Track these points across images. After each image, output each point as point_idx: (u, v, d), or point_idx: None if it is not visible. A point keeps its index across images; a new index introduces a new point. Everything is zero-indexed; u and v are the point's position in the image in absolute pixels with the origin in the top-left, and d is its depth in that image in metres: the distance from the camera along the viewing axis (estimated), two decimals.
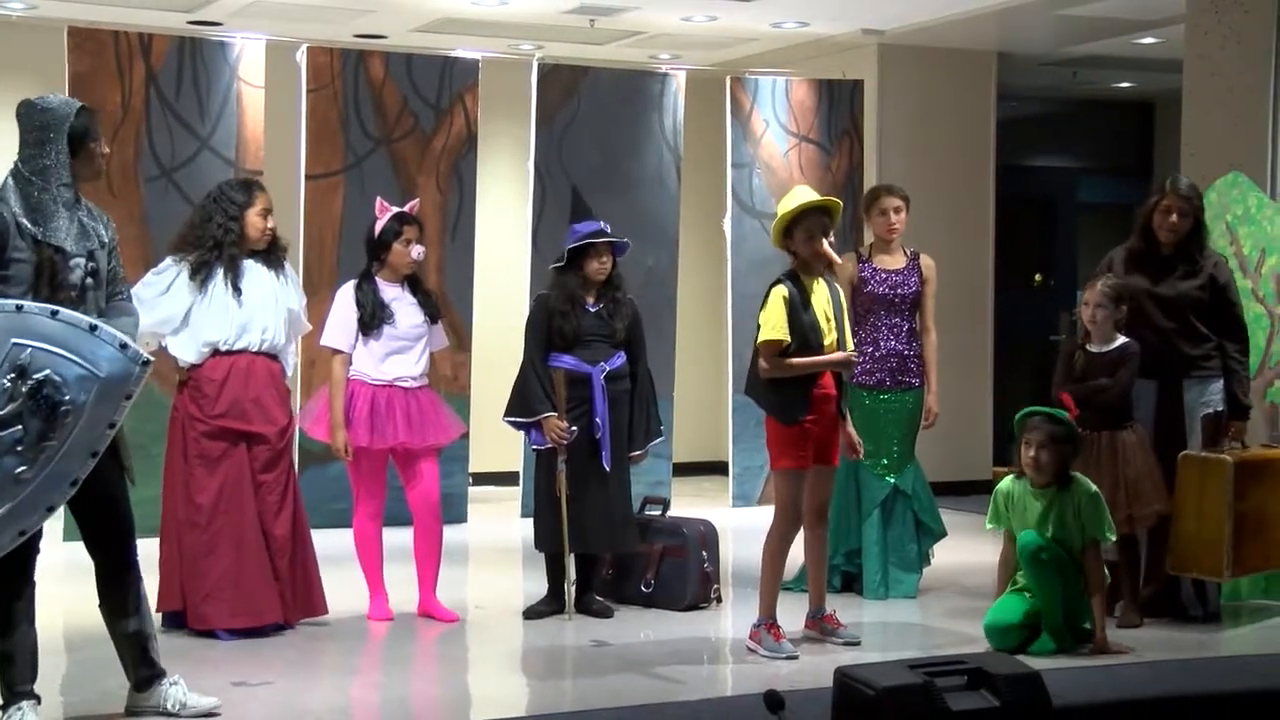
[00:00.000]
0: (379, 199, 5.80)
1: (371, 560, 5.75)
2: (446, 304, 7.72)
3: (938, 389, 6.41)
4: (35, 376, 3.74)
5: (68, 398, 3.76)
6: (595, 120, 8.80)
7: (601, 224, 5.77)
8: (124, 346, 3.82)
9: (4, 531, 3.76)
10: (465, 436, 7.08)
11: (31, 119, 4.03)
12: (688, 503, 8.58)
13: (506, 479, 9.00)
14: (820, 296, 5.24)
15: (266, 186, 5.57)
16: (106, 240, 4.11)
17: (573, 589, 5.87)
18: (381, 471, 5.69)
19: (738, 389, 9.03)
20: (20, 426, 3.73)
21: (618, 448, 5.76)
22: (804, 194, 5.26)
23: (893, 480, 6.32)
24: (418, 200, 5.95)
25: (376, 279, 5.68)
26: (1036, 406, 5.45)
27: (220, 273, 5.26)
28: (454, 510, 7.99)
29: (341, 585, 5.87)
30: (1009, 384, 10.08)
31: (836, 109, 9.40)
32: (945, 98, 9.76)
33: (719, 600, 6.08)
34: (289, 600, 5.35)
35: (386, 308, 5.64)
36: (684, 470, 9.64)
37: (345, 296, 5.68)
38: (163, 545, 5.32)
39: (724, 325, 9.31)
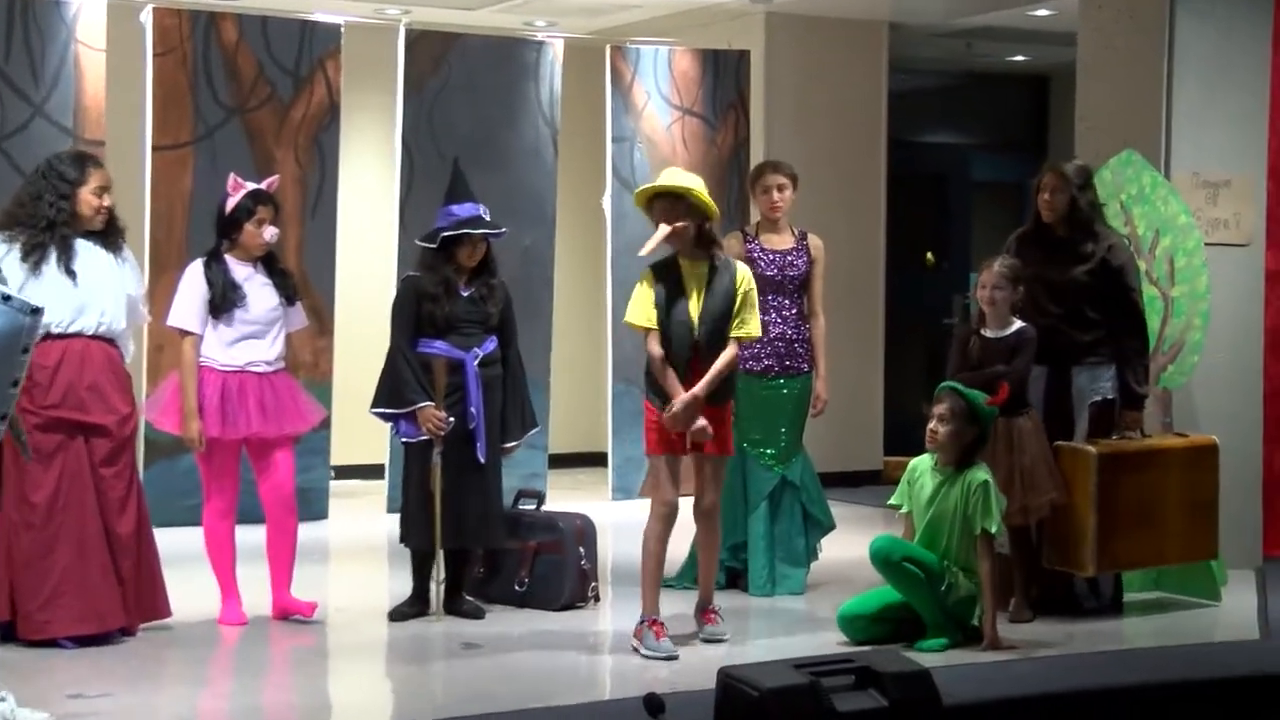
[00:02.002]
0: (233, 175, 5.70)
1: (223, 560, 5.65)
2: (307, 285, 7.61)
3: (827, 375, 6.46)
4: None
5: None
6: (467, 91, 8.71)
7: (480, 209, 5.74)
8: (6, 298, 3.78)
9: None
10: (326, 426, 7.01)
11: None
12: (564, 496, 8.56)
13: (371, 472, 8.89)
14: (698, 283, 5.32)
15: (108, 158, 5.46)
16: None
17: (441, 588, 5.82)
18: (234, 464, 5.61)
19: (618, 376, 9.06)
20: None
21: (492, 438, 5.71)
22: (664, 177, 5.45)
23: (780, 471, 6.35)
24: (276, 178, 5.87)
25: (227, 258, 5.60)
26: (952, 382, 5.53)
27: (54, 254, 5.14)
28: (314, 506, 7.88)
29: (192, 588, 5.77)
30: (901, 370, 10.20)
31: (722, 81, 9.42)
32: (835, 69, 9.83)
33: (597, 599, 6.07)
34: (131, 604, 5.23)
35: (238, 289, 5.56)
36: (560, 462, 9.60)
37: (194, 275, 5.58)
38: None
39: (604, 309, 9.29)
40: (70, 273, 5.17)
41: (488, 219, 5.74)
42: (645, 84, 9.26)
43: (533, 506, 6.22)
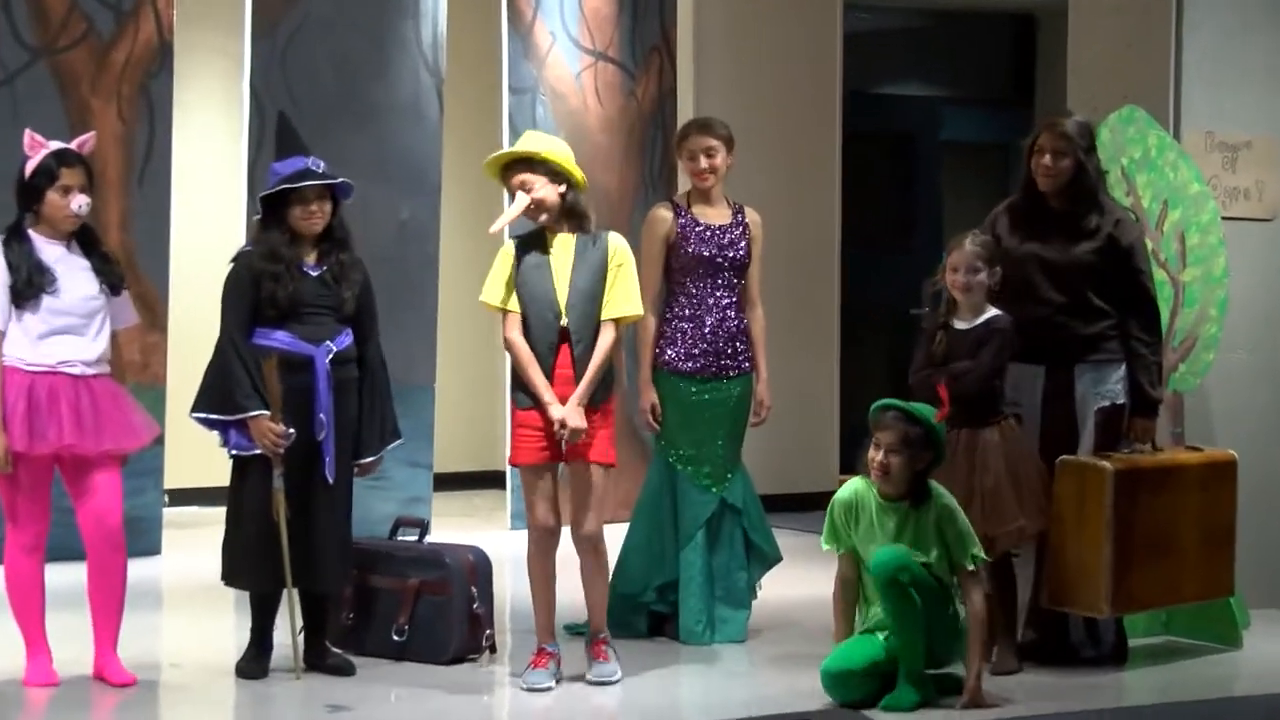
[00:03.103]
0: (29, 132, 5.64)
1: (29, 607, 5.58)
2: (134, 269, 7.53)
3: (768, 376, 6.49)
4: None
5: None
6: (329, 30, 8.66)
7: (310, 161, 5.69)
8: None
9: None
10: (160, 442, 6.93)
11: None
12: (453, 524, 8.54)
13: (213, 496, 8.75)
14: (566, 259, 5.60)
15: None
16: None
17: (300, 638, 5.77)
18: (43, 487, 5.55)
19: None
20: None
21: (343, 453, 5.71)
22: (521, 142, 5.72)
23: (718, 493, 6.38)
24: (91, 135, 5.79)
25: (32, 234, 5.55)
26: (894, 400, 5.53)
27: None
28: (144, 538, 7.81)
29: None
30: (859, 371, 10.27)
31: (642, 20, 9.46)
32: (779, 6, 9.88)
33: (493, 650, 6.06)
34: None
35: (47, 271, 5.51)
36: (448, 483, 9.58)
37: None
38: None
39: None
40: None
41: (320, 170, 5.67)
42: (549, 23, 9.26)
43: (414, 538, 6.19)
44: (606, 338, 5.61)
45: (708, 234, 6.36)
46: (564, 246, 5.66)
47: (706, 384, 6.35)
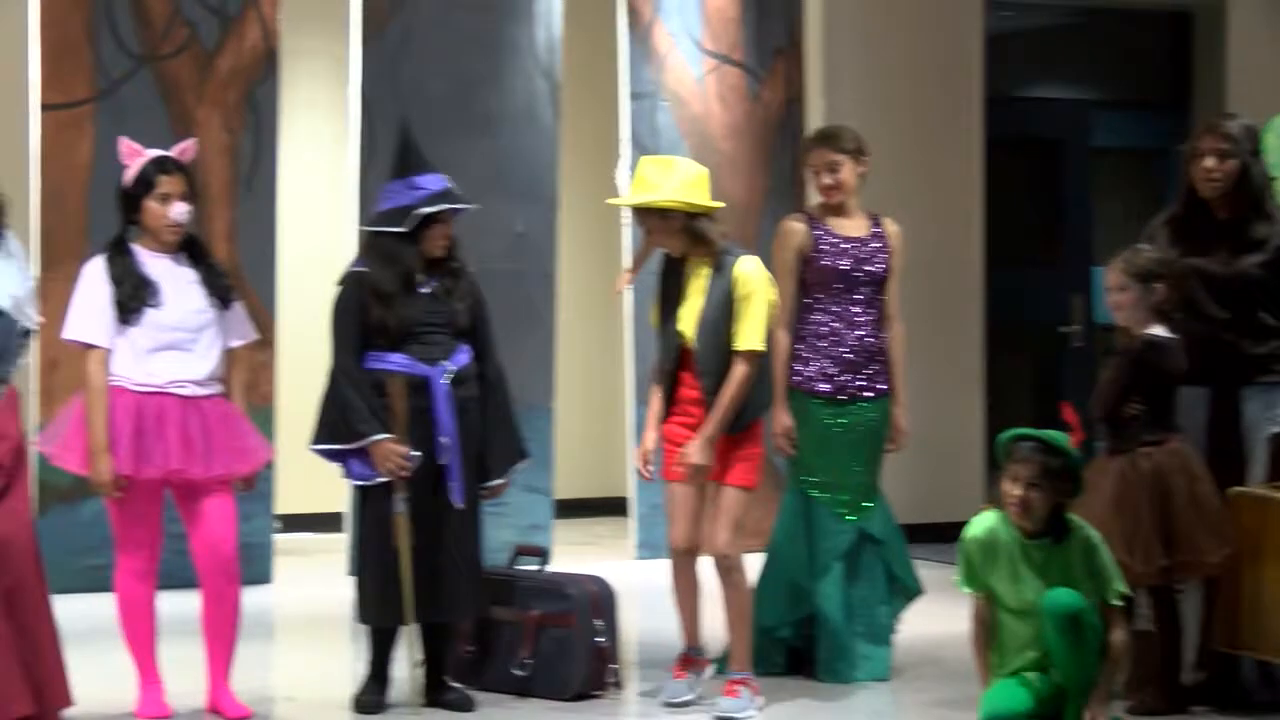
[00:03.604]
0: (124, 141, 5.74)
1: (141, 636, 5.67)
2: (241, 284, 7.59)
3: (906, 399, 6.49)
4: None
5: None
6: (441, 34, 8.76)
7: (446, 180, 5.79)
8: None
9: None
10: (270, 466, 7.03)
11: None
12: (574, 553, 8.57)
13: (327, 523, 8.93)
14: (697, 285, 5.84)
15: None
16: None
17: (420, 672, 5.84)
18: (153, 512, 5.63)
19: (643, 399, 9.07)
20: None
21: (469, 477, 5.77)
22: (640, 175, 5.85)
23: (856, 522, 6.37)
24: (192, 142, 5.86)
25: (134, 247, 5.64)
26: (1027, 429, 5.51)
27: None
28: (255, 566, 7.89)
29: (100, 670, 5.76)
30: (1005, 390, 10.20)
31: (768, 21, 9.47)
32: (915, 7, 9.86)
33: (618, 686, 6.10)
34: (14, 689, 5.20)
35: (150, 284, 5.59)
36: (571, 510, 9.63)
37: (94, 273, 5.62)
38: None
39: (619, 312, 9.33)
40: None
41: (458, 193, 5.81)
42: (670, 25, 9.31)
43: (535, 567, 6.25)
44: (738, 371, 5.75)
45: (843, 247, 6.35)
46: (697, 271, 5.83)
47: (843, 407, 6.34)
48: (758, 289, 5.80)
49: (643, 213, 5.81)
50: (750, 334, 5.77)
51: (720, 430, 5.75)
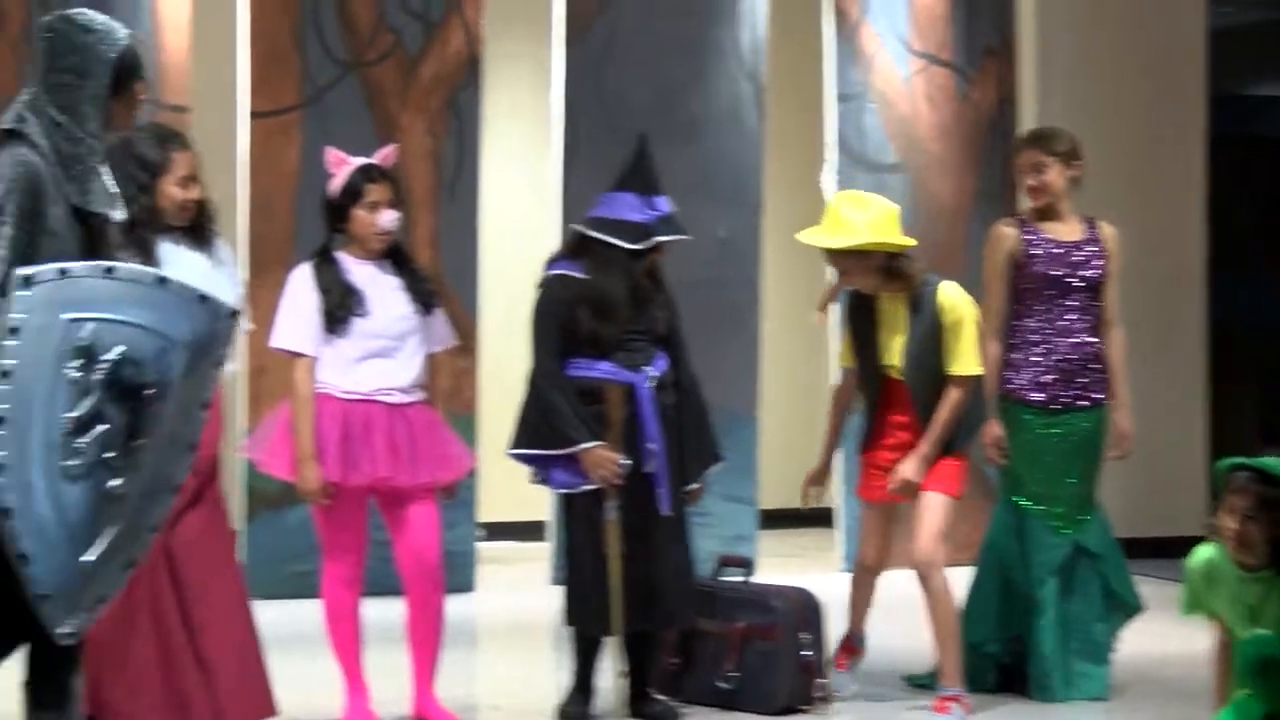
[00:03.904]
0: (331, 150, 5.80)
1: (347, 643, 5.72)
2: (443, 290, 7.65)
3: (1129, 403, 6.37)
4: (108, 358, 3.84)
5: (151, 378, 3.87)
6: (644, 38, 8.80)
7: (671, 207, 5.82)
8: (203, 299, 3.97)
9: (110, 567, 3.86)
10: (473, 473, 7.09)
11: (69, 39, 4.10)
12: (779, 565, 8.54)
13: (529, 531, 8.98)
14: (896, 318, 5.95)
15: (194, 129, 5.55)
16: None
17: (624, 683, 5.83)
18: (359, 520, 5.68)
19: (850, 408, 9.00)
20: (105, 425, 3.84)
21: (675, 483, 5.77)
22: (829, 216, 5.99)
23: (1071, 535, 6.28)
24: (393, 148, 5.92)
25: (341, 256, 5.70)
26: (1243, 458, 5.34)
27: (131, 261, 5.23)
28: (458, 574, 7.95)
29: (306, 676, 5.84)
30: (1229, 400, 10.00)
31: (978, 19, 9.40)
32: (1133, 1, 9.70)
33: (825, 700, 6.05)
34: (222, 698, 5.29)
35: (357, 293, 5.65)
36: (775, 521, 9.60)
37: (302, 281, 5.69)
38: None
39: (827, 319, 9.27)
40: None
41: (678, 220, 5.87)
42: (877, 25, 9.26)
43: (740, 579, 6.22)
44: (953, 394, 5.88)
45: (1057, 251, 6.27)
46: (893, 306, 5.93)
47: (1057, 416, 6.26)
48: (965, 313, 5.90)
49: (837, 253, 5.89)
50: (966, 358, 5.89)
51: (936, 450, 5.88)
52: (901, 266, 5.90)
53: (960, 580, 6.02)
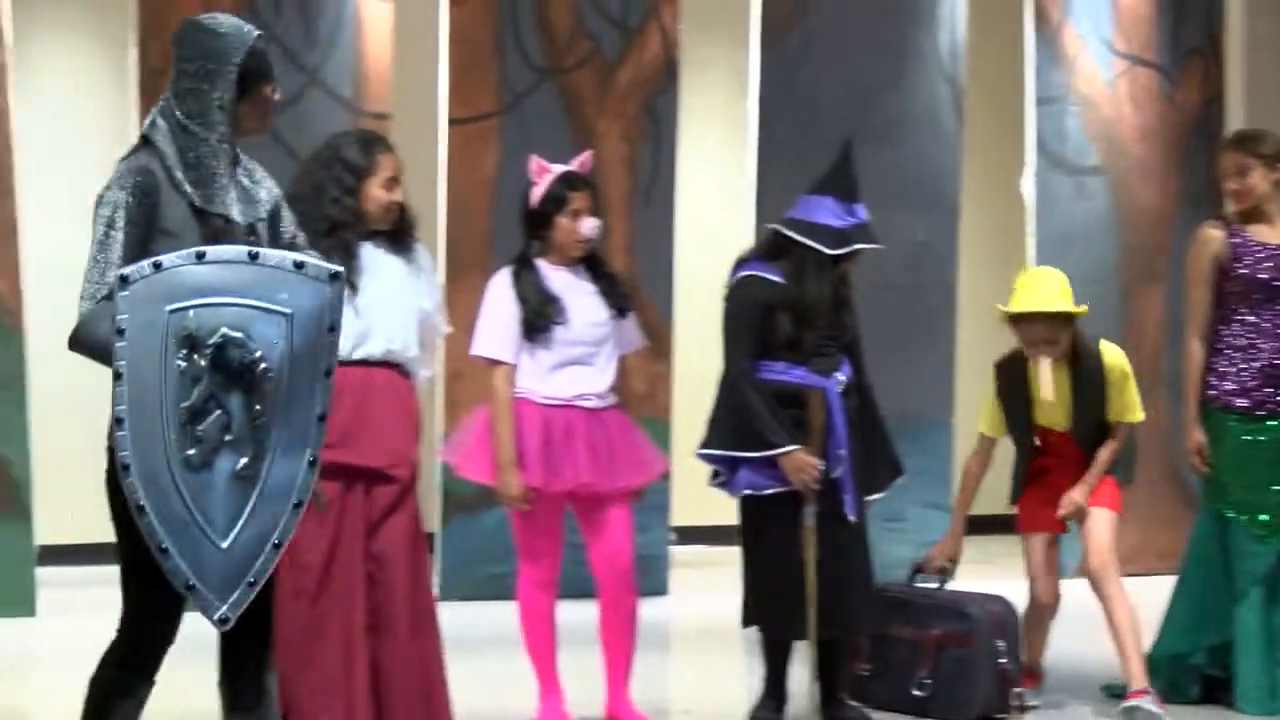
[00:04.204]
0: (534, 159, 5.82)
1: (542, 645, 5.77)
2: (638, 295, 7.72)
3: None
4: (212, 341, 3.87)
5: (259, 353, 3.88)
6: (842, 40, 8.80)
7: (866, 216, 5.81)
8: (299, 266, 3.95)
9: (254, 553, 3.89)
10: (666, 477, 7.13)
11: (197, 44, 4.17)
12: (970, 572, 8.44)
13: (721, 535, 8.95)
14: (1061, 383, 6.06)
15: (394, 136, 5.60)
16: (268, 207, 4.27)
17: (816, 689, 5.83)
18: (556, 523, 5.73)
19: None
20: (219, 410, 3.87)
21: (858, 489, 5.77)
22: (1032, 288, 6.13)
23: (1276, 543, 6.18)
24: (590, 154, 5.95)
25: (538, 263, 5.74)
26: None
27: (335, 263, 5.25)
28: (651, 578, 8.04)
29: (501, 677, 5.93)
30: None
31: (1184, 19, 9.29)
32: None
33: (1022, 709, 6.00)
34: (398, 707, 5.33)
35: (556, 301, 5.69)
36: (968, 527, 9.49)
37: (501, 289, 5.74)
38: None
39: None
40: (352, 285, 5.28)
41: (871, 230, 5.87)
42: (1079, 26, 9.17)
43: (935, 585, 6.19)
44: (1120, 434, 6.10)
45: (1265, 255, 6.18)
46: (1060, 372, 6.05)
47: (1262, 422, 6.18)
48: (1128, 369, 6.12)
49: (1029, 321, 6.03)
50: (1133, 409, 6.10)
51: (1097, 480, 6.08)
52: (1078, 330, 6.07)
53: (1162, 590, 5.94)
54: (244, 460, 3.87)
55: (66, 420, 8.03)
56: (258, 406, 3.87)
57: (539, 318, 5.66)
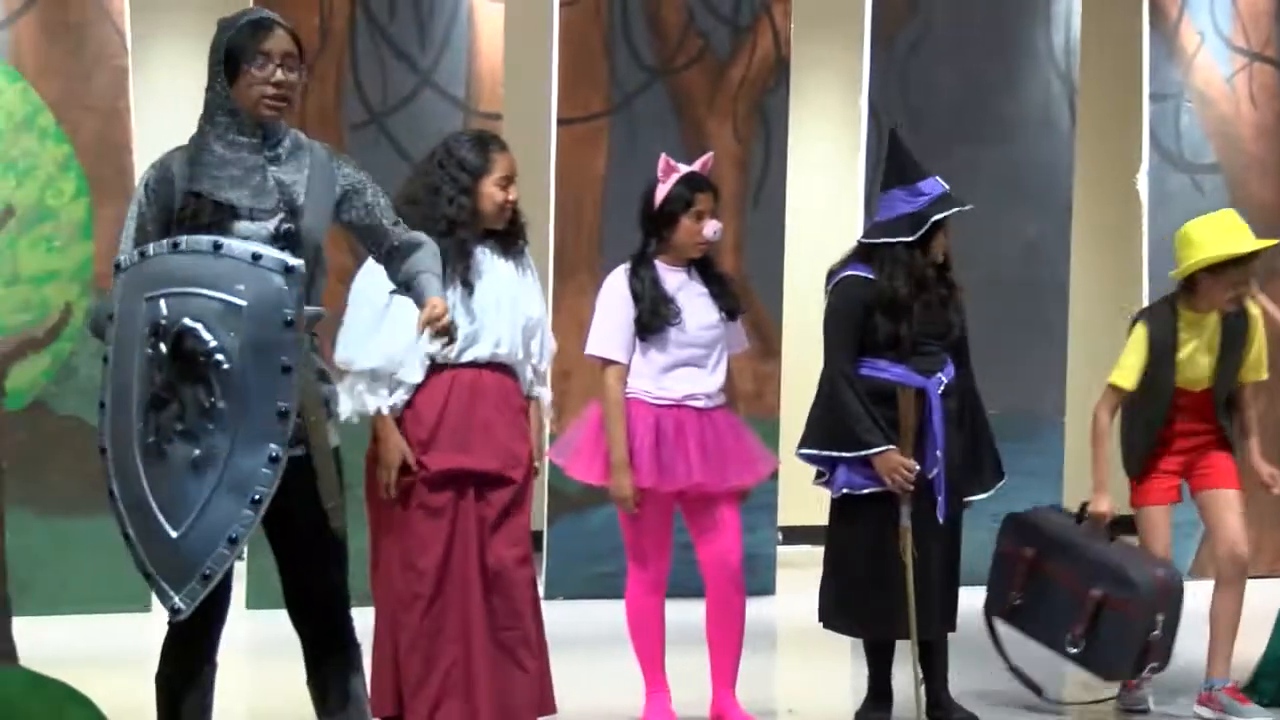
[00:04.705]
0: (664, 157, 5.81)
1: (650, 645, 5.79)
2: (748, 294, 7.70)
3: None
4: (174, 330, 3.91)
5: (213, 344, 3.89)
6: (954, 39, 8.78)
7: (942, 183, 5.78)
8: (256, 257, 3.94)
9: (207, 545, 3.89)
10: (774, 477, 7.14)
11: (214, 39, 4.25)
12: None
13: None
14: (1201, 336, 5.97)
15: (505, 137, 5.61)
16: (338, 189, 4.25)
17: (923, 690, 5.83)
18: (666, 523, 5.74)
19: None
20: (175, 400, 3.91)
21: (954, 490, 5.76)
22: (1225, 231, 5.91)
23: None
24: (710, 156, 5.95)
25: (656, 263, 5.76)
26: None
27: (450, 263, 5.16)
28: (758, 577, 8.02)
29: (608, 676, 5.95)
30: None
31: None
32: None
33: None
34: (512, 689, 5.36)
35: (671, 302, 5.70)
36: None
37: (616, 288, 5.76)
38: (377, 625, 5.29)
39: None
40: (468, 286, 5.31)
41: (954, 195, 5.81)
42: (1197, 22, 9.09)
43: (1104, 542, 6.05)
44: (1254, 396, 6.17)
45: None
46: (1201, 321, 5.99)
47: None
48: (1261, 319, 6.12)
49: (1239, 265, 5.89)
50: (1262, 366, 6.10)
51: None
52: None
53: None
54: (196, 452, 3.88)
55: None
56: (211, 398, 3.88)
57: (654, 318, 5.68)
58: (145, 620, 7.24)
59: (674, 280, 5.75)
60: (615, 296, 5.74)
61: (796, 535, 9.19)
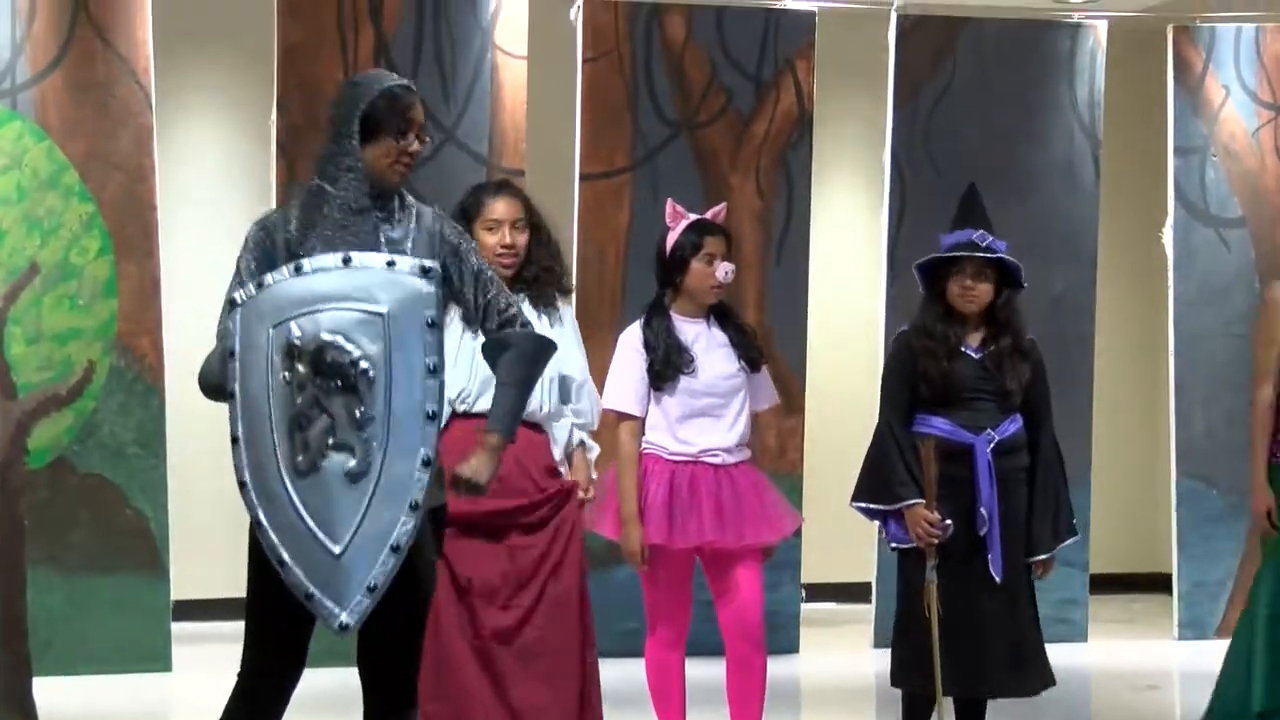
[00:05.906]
0: (670, 202, 5.88)
1: (671, 704, 5.79)
2: (771, 348, 7.70)
3: None
4: (312, 347, 3.95)
5: (356, 353, 3.95)
6: (978, 92, 8.81)
7: (975, 234, 5.74)
8: (390, 264, 4.01)
9: (370, 557, 3.90)
10: (798, 534, 7.13)
11: (337, 96, 4.31)
12: (1110, 631, 8.41)
13: (854, 593, 8.98)
14: None
15: (528, 192, 5.65)
16: (440, 251, 4.24)
17: None
18: (685, 581, 5.75)
19: (1185, 470, 8.84)
20: (324, 415, 3.94)
21: (1012, 550, 5.71)
22: None
23: None
24: (724, 206, 6.00)
25: (673, 314, 5.78)
26: None
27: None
28: (781, 635, 8.03)
29: None
30: None
31: None
32: None
33: None
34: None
35: (685, 351, 5.71)
36: (1106, 585, 9.44)
37: (629, 341, 5.79)
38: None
39: (1164, 377, 9.15)
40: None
41: (985, 244, 5.71)
42: (1223, 75, 9.10)
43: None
44: None
45: None
46: None
47: None
48: None
49: None
50: None
51: None
52: None
53: None
54: (352, 463, 3.91)
55: (203, 476, 8.20)
56: (361, 407, 3.92)
57: (667, 366, 5.69)
58: (166, 680, 7.26)
59: (691, 330, 5.76)
60: (628, 349, 5.77)
61: (820, 592, 9.17)
